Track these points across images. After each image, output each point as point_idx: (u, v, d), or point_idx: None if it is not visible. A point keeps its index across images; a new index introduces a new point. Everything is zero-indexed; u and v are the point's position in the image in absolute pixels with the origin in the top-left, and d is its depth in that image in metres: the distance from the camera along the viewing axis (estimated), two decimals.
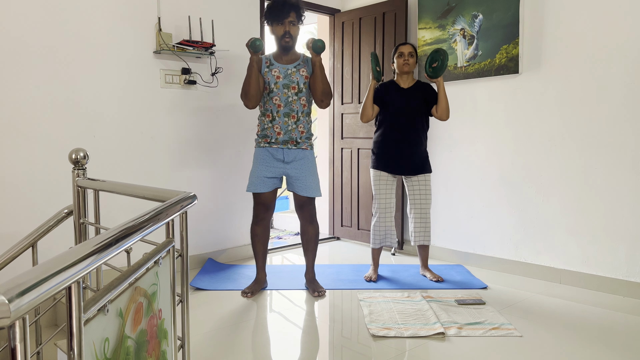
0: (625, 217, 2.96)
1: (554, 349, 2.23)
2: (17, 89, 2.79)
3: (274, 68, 2.93)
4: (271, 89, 2.92)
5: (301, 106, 2.96)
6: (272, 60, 2.96)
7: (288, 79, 2.92)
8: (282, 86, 2.91)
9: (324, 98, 2.92)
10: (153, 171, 3.37)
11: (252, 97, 2.88)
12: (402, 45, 3.21)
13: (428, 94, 3.21)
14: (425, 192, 3.24)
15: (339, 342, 2.34)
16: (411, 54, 3.19)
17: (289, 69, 2.92)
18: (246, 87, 2.88)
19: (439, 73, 3.08)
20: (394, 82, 3.27)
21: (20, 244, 1.86)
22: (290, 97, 2.92)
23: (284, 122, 2.94)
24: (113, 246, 0.96)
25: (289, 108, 2.93)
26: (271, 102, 2.94)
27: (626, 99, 2.93)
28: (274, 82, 2.91)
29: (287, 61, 2.96)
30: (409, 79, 3.24)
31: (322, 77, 2.90)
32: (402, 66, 3.18)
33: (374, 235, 3.28)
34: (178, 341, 1.54)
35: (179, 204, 1.38)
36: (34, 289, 0.69)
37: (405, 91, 3.21)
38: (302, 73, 2.94)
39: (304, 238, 3.08)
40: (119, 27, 3.16)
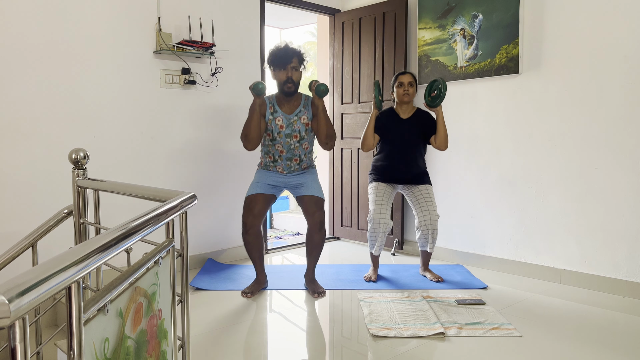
0: (625, 217, 2.96)
1: (554, 349, 2.23)
2: (17, 89, 2.79)
3: (277, 116, 2.96)
4: (274, 137, 2.98)
5: (303, 150, 3.04)
6: (276, 107, 2.99)
7: (290, 128, 2.97)
8: (285, 135, 2.97)
9: (328, 141, 2.97)
10: (153, 171, 3.37)
11: (253, 140, 2.93)
12: (402, 75, 3.22)
13: (427, 124, 3.23)
14: (429, 198, 3.21)
15: (339, 342, 2.34)
16: (411, 83, 3.19)
17: (292, 118, 2.97)
18: (247, 131, 2.92)
19: (437, 103, 3.10)
20: (393, 111, 3.28)
21: (20, 244, 1.86)
22: (293, 145, 2.99)
23: (286, 165, 3.04)
24: (113, 246, 0.96)
25: (291, 154, 3.02)
26: (274, 148, 3.01)
27: (626, 99, 2.93)
28: (277, 131, 2.97)
29: (290, 108, 2.99)
30: (408, 108, 3.25)
31: (326, 120, 2.94)
32: (402, 96, 3.19)
33: (370, 240, 3.25)
34: (178, 341, 1.54)
35: (179, 204, 1.38)
36: (34, 289, 0.69)
37: (404, 122, 3.23)
38: (303, 121, 2.98)
39: (309, 244, 3.04)
40: (119, 27, 3.16)
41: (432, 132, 3.20)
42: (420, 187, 3.26)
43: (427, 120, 3.23)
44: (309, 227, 3.01)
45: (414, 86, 3.21)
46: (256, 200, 2.98)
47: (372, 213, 3.17)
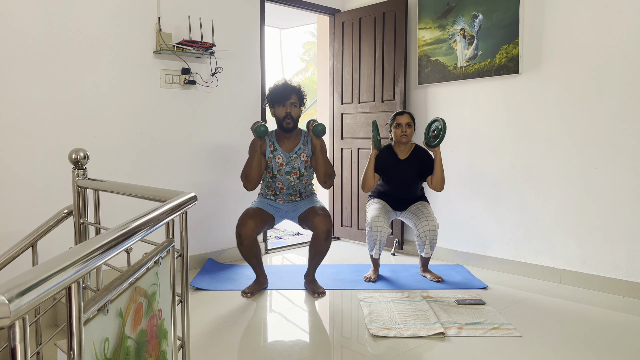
0: (625, 217, 2.96)
1: (554, 349, 2.23)
2: (17, 89, 2.79)
3: (277, 154, 3.00)
4: (274, 174, 3.01)
5: (303, 185, 3.08)
6: (276, 144, 3.02)
7: (290, 165, 3.01)
8: (285, 173, 3.01)
9: (327, 180, 3.00)
10: (153, 171, 3.37)
11: (253, 180, 2.96)
12: (399, 115, 3.22)
13: (424, 164, 3.25)
14: (427, 210, 3.22)
15: (339, 342, 2.34)
16: (409, 124, 3.20)
17: (291, 156, 3.00)
18: (247, 171, 2.95)
19: (437, 143, 3.12)
20: (392, 150, 3.29)
21: (20, 244, 1.86)
22: (293, 182, 3.03)
23: (287, 199, 3.11)
24: (113, 246, 0.96)
25: (291, 190, 3.06)
26: (274, 185, 3.05)
27: (626, 99, 2.93)
28: (277, 169, 3.00)
29: (289, 145, 3.03)
30: (406, 147, 3.27)
31: (324, 159, 2.98)
32: (400, 137, 3.20)
33: (369, 245, 3.24)
34: (178, 341, 1.54)
35: (179, 204, 1.38)
36: (34, 289, 0.69)
37: (402, 163, 3.26)
38: (303, 158, 3.02)
39: (313, 250, 3.00)
40: (119, 27, 3.16)
41: (429, 172, 3.22)
42: (416, 204, 3.31)
43: (424, 159, 3.26)
44: (315, 234, 2.95)
45: (412, 127, 3.22)
46: (253, 212, 2.97)
47: (369, 219, 3.17)
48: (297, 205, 3.10)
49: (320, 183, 3.03)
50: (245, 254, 2.97)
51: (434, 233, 3.15)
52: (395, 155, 3.27)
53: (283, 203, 3.11)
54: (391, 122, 3.26)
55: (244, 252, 2.96)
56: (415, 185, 3.31)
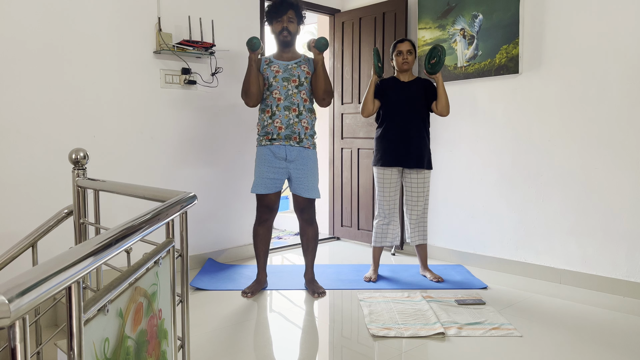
0: (625, 217, 2.96)
1: (554, 349, 2.23)
2: (17, 89, 2.79)
3: (273, 64, 2.95)
4: (270, 83, 2.93)
5: (302, 100, 2.94)
6: (272, 59, 2.98)
7: (288, 72, 2.92)
8: (282, 79, 2.91)
9: (325, 96, 2.93)
10: (153, 171, 3.37)
11: (253, 94, 2.89)
12: (400, 43, 3.22)
13: (428, 89, 3.23)
14: (422, 190, 3.24)
15: (339, 342, 2.34)
16: (409, 51, 3.19)
17: (289, 65, 2.94)
18: (246, 85, 2.90)
19: (437, 69, 3.10)
20: (394, 77, 3.29)
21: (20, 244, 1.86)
22: (291, 90, 2.91)
23: (284, 116, 2.91)
24: (113, 246, 0.96)
25: (289, 101, 2.91)
26: (271, 97, 2.93)
27: (626, 99, 2.92)
28: (272, 76, 2.92)
29: (287, 59, 2.98)
30: (408, 75, 3.26)
31: (325, 75, 2.91)
32: (402, 64, 3.19)
33: (375, 234, 3.29)
34: (178, 341, 1.54)
35: (178, 204, 1.38)
36: (34, 289, 0.69)
37: (405, 84, 3.23)
38: (304, 69, 2.95)
39: (303, 239, 3.08)
40: (119, 27, 3.16)
41: (433, 98, 3.20)
42: (418, 175, 3.23)
43: (428, 85, 3.24)
44: (300, 222, 3.06)
45: (413, 54, 3.21)
46: (267, 196, 3.00)
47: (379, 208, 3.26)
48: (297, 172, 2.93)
49: (318, 101, 2.96)
50: (260, 235, 3.03)
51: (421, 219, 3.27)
52: (397, 79, 3.26)
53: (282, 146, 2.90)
54: (392, 51, 3.25)
55: (259, 233, 3.02)
56: (421, 113, 3.20)
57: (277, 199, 3.03)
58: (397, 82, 3.25)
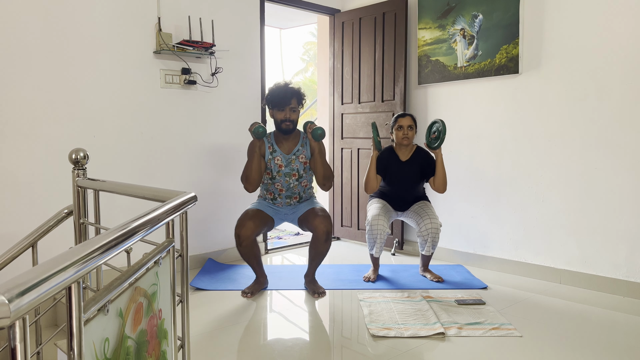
0: (625, 217, 2.96)
1: (554, 349, 2.23)
2: (17, 89, 2.79)
3: (276, 156, 3.01)
4: (273, 176, 3.02)
5: (302, 187, 3.08)
6: (275, 146, 3.02)
7: (289, 167, 3.01)
8: (284, 174, 3.01)
9: (325, 182, 3.01)
10: (153, 171, 3.37)
11: (254, 182, 2.97)
12: (401, 118, 3.22)
13: (426, 165, 3.25)
14: (429, 209, 3.23)
15: (339, 342, 2.34)
16: (410, 127, 3.20)
17: (290, 157, 3.01)
18: (248, 172, 2.96)
19: (437, 145, 3.13)
20: (393, 152, 3.29)
21: (20, 244, 1.86)
22: (292, 184, 3.04)
23: (285, 202, 3.10)
24: (113, 246, 0.96)
25: (290, 192, 3.06)
26: (273, 186, 3.05)
27: (626, 98, 2.93)
28: (276, 170, 3.01)
29: (288, 147, 3.04)
30: (407, 148, 3.27)
31: (323, 162, 2.98)
32: (402, 139, 3.21)
33: (369, 244, 3.24)
34: (178, 341, 1.54)
35: (179, 204, 1.38)
36: (34, 289, 0.69)
37: (403, 165, 3.26)
38: (301, 160, 3.02)
39: (313, 251, 3.00)
40: (119, 27, 3.16)
41: (431, 174, 3.22)
42: (417, 203, 3.31)
43: (426, 160, 3.26)
44: (314, 235, 2.94)
45: (414, 129, 3.22)
46: (252, 214, 2.97)
47: (370, 217, 3.18)
48: (297, 208, 3.10)
49: (319, 185, 3.04)
50: (245, 254, 2.97)
51: (437, 231, 3.15)
52: (396, 156, 3.27)
53: (282, 207, 3.11)
54: (393, 124, 3.26)
55: (243, 253, 2.96)
56: (417, 186, 3.31)
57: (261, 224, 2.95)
58: (396, 160, 3.26)
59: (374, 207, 3.25)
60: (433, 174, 3.21)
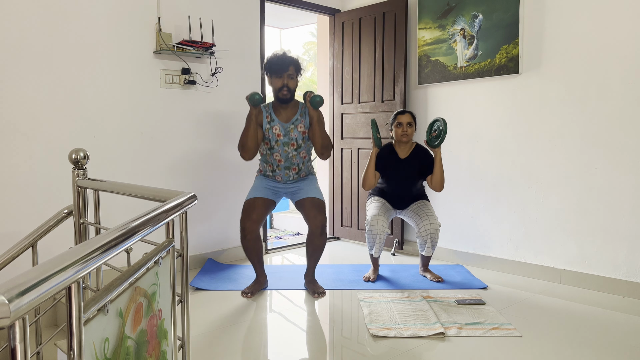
0: (625, 217, 2.96)
1: (554, 349, 2.23)
2: (17, 89, 2.79)
3: (274, 125, 2.98)
4: (272, 146, 2.99)
5: (301, 158, 3.05)
6: (273, 115, 3.00)
7: (287, 136, 2.98)
8: (282, 144, 2.98)
9: (323, 151, 2.98)
10: (153, 171, 3.37)
11: (250, 150, 2.94)
12: (400, 115, 3.22)
13: (425, 163, 3.25)
14: (428, 209, 3.23)
15: (339, 342, 2.34)
16: (410, 124, 3.20)
17: (288, 127, 2.98)
18: (244, 140, 2.94)
19: (437, 144, 3.13)
20: (392, 149, 3.29)
21: (20, 244, 1.86)
22: (290, 153, 3.01)
23: (285, 174, 3.06)
24: (113, 246, 0.96)
25: (289, 162, 3.03)
26: (272, 157, 3.02)
27: (626, 98, 2.93)
28: (274, 139, 2.98)
29: (287, 116, 3.01)
30: (407, 146, 3.27)
31: (321, 131, 2.95)
32: (401, 137, 3.20)
33: (369, 244, 3.25)
34: (178, 341, 1.54)
35: (179, 204, 1.38)
36: (34, 289, 0.69)
37: (402, 162, 3.26)
38: (300, 129, 2.99)
39: (310, 247, 3.02)
40: (119, 27, 3.16)
41: (430, 171, 3.22)
42: (416, 202, 3.31)
43: (425, 158, 3.26)
44: (310, 230, 2.98)
45: (413, 126, 3.22)
46: (255, 204, 2.98)
47: (369, 217, 3.18)
48: (296, 187, 3.05)
49: (318, 154, 3.01)
50: (248, 248, 2.98)
51: (436, 232, 3.15)
52: (395, 154, 3.27)
53: (282, 182, 3.06)
54: (392, 122, 3.26)
55: (247, 246, 2.97)
56: (415, 184, 3.31)
57: (264, 211, 2.99)
58: (395, 157, 3.26)
59: (373, 207, 3.25)
60: (431, 172, 3.21)
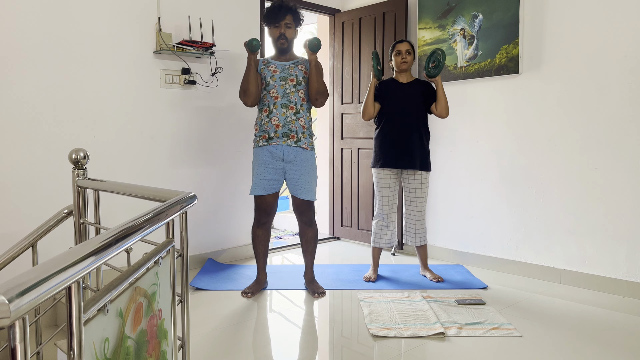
0: (625, 217, 2.96)
1: (554, 349, 2.23)
2: (17, 88, 2.78)
3: (270, 65, 2.97)
4: (267, 82, 2.94)
5: (300, 99, 2.94)
6: (269, 60, 3.00)
7: (286, 72, 2.94)
8: (279, 79, 2.93)
9: (318, 97, 2.94)
10: (153, 171, 3.37)
11: (251, 93, 2.91)
12: (399, 43, 3.22)
13: (427, 90, 3.23)
14: (421, 192, 3.24)
15: (339, 342, 2.34)
16: (408, 51, 3.20)
17: (287, 65, 2.96)
18: (244, 85, 2.92)
19: (437, 72, 3.11)
20: (393, 79, 3.29)
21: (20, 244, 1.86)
22: (288, 89, 2.93)
23: (281, 114, 2.91)
24: (113, 246, 0.96)
25: (286, 99, 2.92)
26: (268, 96, 2.94)
27: (626, 99, 2.93)
28: (270, 75, 2.93)
29: (285, 60, 3.00)
30: (407, 75, 3.26)
31: (317, 76, 2.92)
32: (400, 64, 3.20)
33: (374, 234, 3.29)
34: (178, 341, 1.54)
35: (178, 204, 1.38)
36: (34, 289, 0.69)
37: (404, 85, 3.24)
38: (301, 68, 2.97)
39: (303, 240, 3.08)
40: (119, 27, 3.16)
41: (432, 100, 3.20)
42: (416, 176, 3.22)
43: (426, 87, 3.24)
44: (299, 224, 3.06)
45: (412, 54, 3.22)
46: (264, 199, 3.00)
47: (378, 209, 3.26)
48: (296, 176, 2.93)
49: (312, 101, 2.97)
50: (259, 237, 3.04)
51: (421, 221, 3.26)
52: (396, 81, 3.26)
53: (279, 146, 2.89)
54: (391, 51, 3.26)
55: (258, 234, 3.03)
56: (420, 112, 3.21)
57: (274, 201, 3.03)
58: (395, 83, 3.25)
59: (381, 192, 3.26)
60: (434, 101, 3.19)
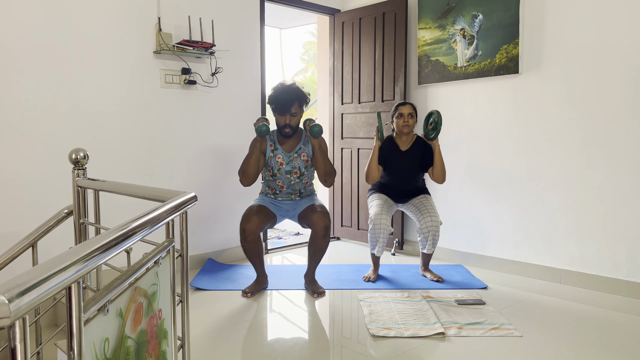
0: (625, 217, 2.96)
1: (554, 349, 2.23)
2: (18, 88, 2.79)
3: (278, 154, 3.02)
4: (274, 173, 3.03)
5: (303, 184, 3.10)
6: (277, 144, 3.04)
7: (290, 165, 3.03)
8: (285, 172, 3.03)
9: (327, 178, 3.03)
10: (153, 171, 3.37)
11: (250, 176, 2.97)
12: (402, 106, 3.24)
13: (425, 155, 3.26)
14: (430, 205, 3.24)
15: (339, 342, 2.34)
16: (411, 114, 3.22)
17: (291, 155, 3.03)
18: (245, 167, 2.97)
19: (434, 137, 3.17)
20: (393, 141, 3.30)
21: (20, 244, 1.86)
22: (293, 181, 3.05)
23: (287, 197, 3.11)
24: (113, 246, 0.96)
25: (291, 189, 3.08)
26: (274, 183, 3.06)
27: (626, 99, 2.93)
28: (277, 168, 3.02)
29: (290, 145, 3.07)
30: (408, 138, 3.29)
31: (323, 158, 2.99)
32: (402, 127, 3.22)
33: (370, 241, 3.25)
34: (178, 341, 1.54)
35: (179, 204, 1.38)
36: (34, 289, 0.69)
37: (404, 154, 3.28)
38: (303, 158, 3.04)
39: (312, 248, 3.00)
40: (119, 27, 3.16)
41: (431, 163, 3.24)
42: (418, 197, 3.32)
43: (426, 150, 3.27)
44: (313, 231, 2.96)
45: (414, 117, 3.24)
46: (258, 210, 2.98)
47: (372, 215, 3.18)
48: (297, 204, 3.11)
49: (321, 181, 3.06)
50: (249, 250, 2.98)
51: (437, 229, 3.17)
52: (396, 146, 3.28)
53: (283, 201, 3.11)
54: (393, 113, 3.28)
55: (247, 248, 2.97)
56: (417, 176, 3.32)
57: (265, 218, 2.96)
58: (396, 150, 3.28)
59: (375, 204, 3.25)
60: (432, 164, 3.22)
